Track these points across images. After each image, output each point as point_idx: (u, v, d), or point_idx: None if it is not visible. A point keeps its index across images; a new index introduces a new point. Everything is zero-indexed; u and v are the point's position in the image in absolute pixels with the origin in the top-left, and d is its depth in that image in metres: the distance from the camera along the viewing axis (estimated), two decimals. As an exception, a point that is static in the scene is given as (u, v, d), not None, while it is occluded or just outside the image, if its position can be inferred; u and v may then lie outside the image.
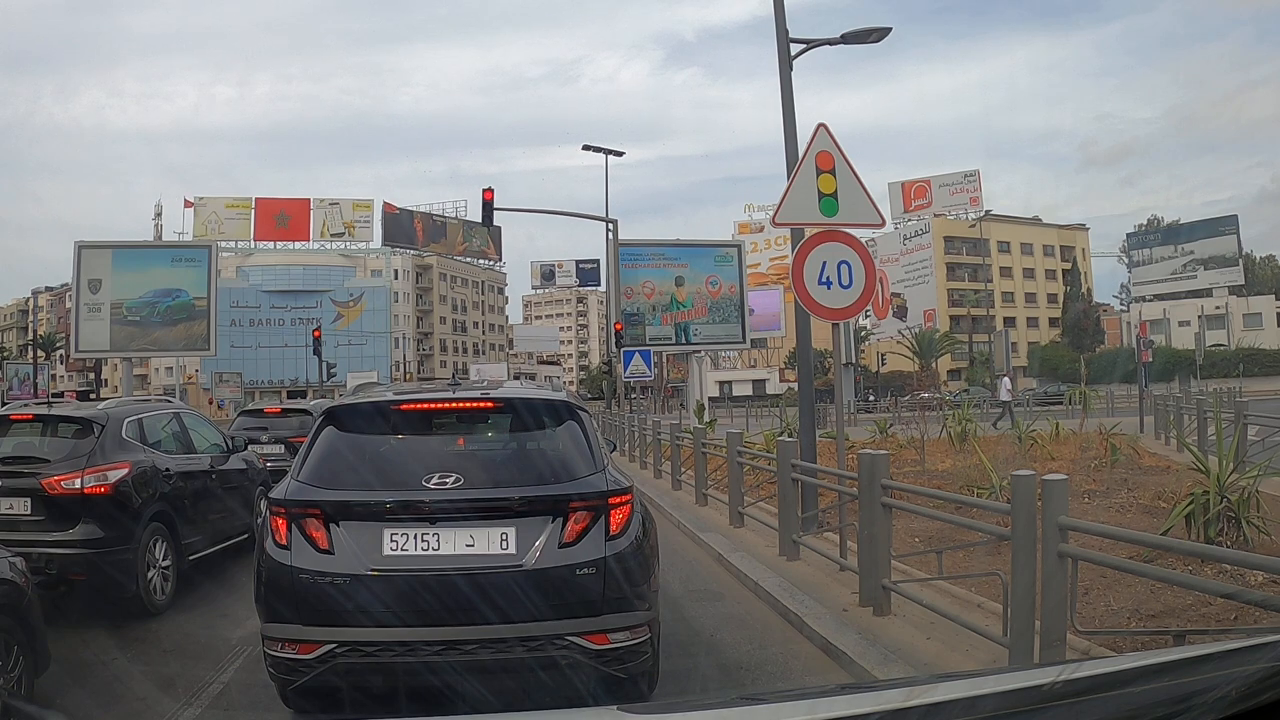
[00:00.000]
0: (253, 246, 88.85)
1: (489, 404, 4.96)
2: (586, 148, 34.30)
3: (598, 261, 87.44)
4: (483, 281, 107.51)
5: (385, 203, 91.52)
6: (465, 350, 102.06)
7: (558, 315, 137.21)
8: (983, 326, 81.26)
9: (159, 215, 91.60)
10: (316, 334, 39.62)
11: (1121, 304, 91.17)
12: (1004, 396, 32.08)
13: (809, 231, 8.31)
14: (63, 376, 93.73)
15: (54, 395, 61.91)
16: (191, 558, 7.59)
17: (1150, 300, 79.78)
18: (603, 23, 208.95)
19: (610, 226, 33.27)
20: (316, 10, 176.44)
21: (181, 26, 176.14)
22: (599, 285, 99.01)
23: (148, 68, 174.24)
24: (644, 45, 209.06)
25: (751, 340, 53.92)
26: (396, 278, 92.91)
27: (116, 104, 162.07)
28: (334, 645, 4.02)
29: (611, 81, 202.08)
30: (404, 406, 4.75)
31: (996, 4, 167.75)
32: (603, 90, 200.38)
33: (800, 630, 6.01)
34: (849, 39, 11.59)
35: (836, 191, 7.89)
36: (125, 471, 6.84)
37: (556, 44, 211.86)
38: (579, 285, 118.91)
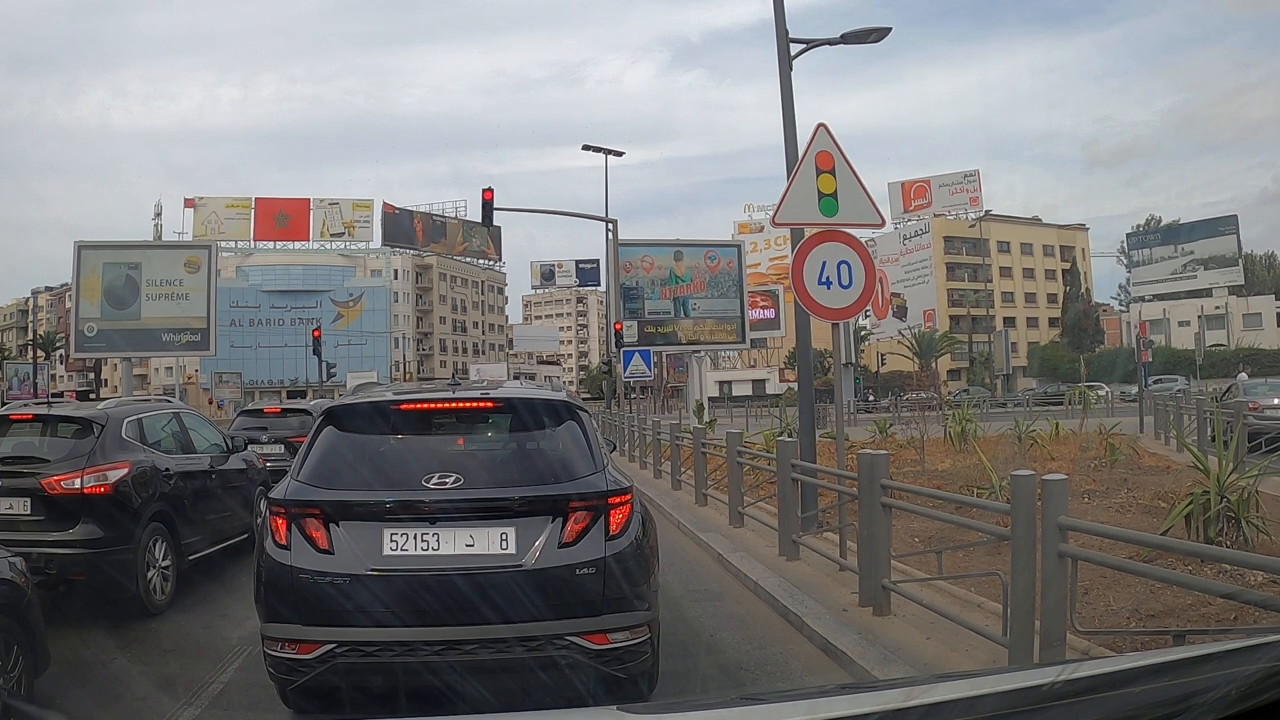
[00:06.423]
0: (252, 246, 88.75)
1: (489, 404, 4.97)
2: (586, 148, 34.35)
3: (598, 261, 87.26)
4: (482, 281, 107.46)
5: (385, 203, 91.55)
6: (465, 350, 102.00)
7: (558, 315, 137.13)
8: (983, 326, 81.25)
9: (159, 215, 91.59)
10: (316, 334, 39.61)
11: (1121, 304, 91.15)
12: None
13: (809, 231, 8.31)
14: (62, 376, 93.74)
15: (54, 395, 62.00)
16: (191, 558, 7.59)
17: (1150, 300, 79.74)
18: (609, 25, 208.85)
19: (610, 226, 33.28)
20: (323, 12, 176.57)
21: (188, 28, 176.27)
22: (599, 285, 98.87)
23: (153, 69, 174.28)
24: (650, 47, 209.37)
25: (751, 340, 53.92)
26: (396, 278, 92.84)
27: (121, 104, 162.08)
28: (334, 645, 4.02)
29: (617, 83, 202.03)
30: (404, 406, 4.74)
31: (998, 6, 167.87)
32: (608, 92, 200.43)
33: (800, 630, 6.00)
34: (849, 39, 11.61)
35: (836, 191, 7.88)
36: (125, 471, 6.84)
37: (562, 46, 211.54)
38: (579, 285, 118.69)
